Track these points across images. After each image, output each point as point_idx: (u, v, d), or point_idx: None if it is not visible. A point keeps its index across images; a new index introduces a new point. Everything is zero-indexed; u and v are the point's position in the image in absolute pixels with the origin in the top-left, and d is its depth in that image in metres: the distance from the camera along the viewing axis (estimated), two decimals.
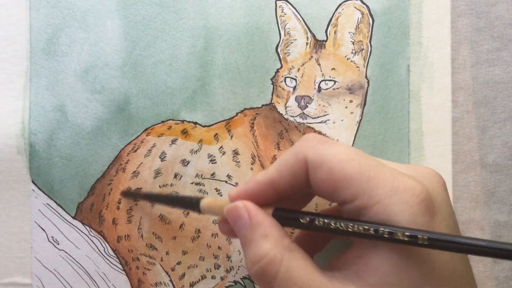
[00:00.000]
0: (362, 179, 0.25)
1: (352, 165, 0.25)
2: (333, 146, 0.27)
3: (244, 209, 0.28)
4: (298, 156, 0.27)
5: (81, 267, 0.37)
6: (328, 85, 0.37)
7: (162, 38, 0.37)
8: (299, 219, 0.27)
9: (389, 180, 0.25)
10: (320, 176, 0.26)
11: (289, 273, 0.25)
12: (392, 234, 0.24)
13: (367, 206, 0.25)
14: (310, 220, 0.26)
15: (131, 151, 0.37)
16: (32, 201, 0.37)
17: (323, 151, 0.26)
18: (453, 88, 0.37)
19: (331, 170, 0.26)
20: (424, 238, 0.23)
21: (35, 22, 0.37)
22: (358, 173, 0.25)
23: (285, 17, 0.37)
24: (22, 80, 0.37)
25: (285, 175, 0.28)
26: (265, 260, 0.26)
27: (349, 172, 0.25)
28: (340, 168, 0.26)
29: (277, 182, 0.28)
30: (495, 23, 0.37)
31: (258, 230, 0.27)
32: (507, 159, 0.37)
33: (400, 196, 0.24)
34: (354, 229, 0.25)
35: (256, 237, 0.26)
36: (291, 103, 0.37)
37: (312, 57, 0.37)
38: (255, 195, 0.28)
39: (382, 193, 0.25)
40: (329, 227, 0.26)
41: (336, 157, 0.26)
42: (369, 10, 0.37)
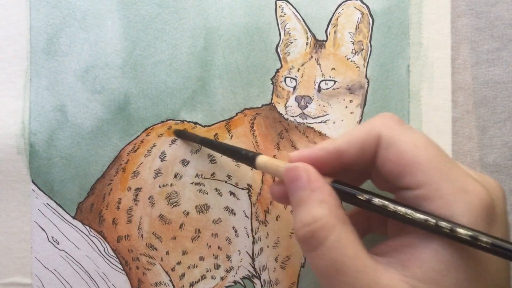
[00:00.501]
0: (433, 169, 0.25)
1: (426, 153, 0.25)
2: (409, 130, 0.26)
3: (305, 171, 0.27)
4: (372, 131, 0.27)
5: (81, 267, 0.37)
6: (328, 85, 0.37)
7: (162, 38, 0.37)
8: (356, 196, 0.26)
9: (458, 178, 0.25)
10: (390, 156, 0.26)
11: (338, 243, 0.25)
12: (454, 230, 0.23)
13: (430, 198, 0.24)
14: (368, 198, 0.26)
15: (131, 151, 0.37)
16: (32, 201, 0.37)
17: (398, 132, 0.26)
18: (453, 88, 0.37)
19: (403, 152, 0.25)
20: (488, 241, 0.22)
21: (35, 22, 0.37)
22: (430, 162, 0.25)
23: (285, 17, 0.37)
24: (22, 80, 0.37)
25: (354, 147, 0.27)
26: (318, 224, 0.25)
27: (421, 159, 0.25)
28: (413, 153, 0.25)
29: (344, 152, 0.27)
30: (495, 23, 0.37)
31: (316, 194, 0.26)
32: (507, 159, 0.37)
33: (466, 196, 0.24)
34: (413, 216, 0.24)
35: (312, 200, 0.26)
36: (291, 103, 0.37)
37: (312, 57, 0.37)
38: (317, 161, 0.27)
39: (449, 189, 0.24)
40: (387, 209, 0.25)
41: (410, 141, 0.26)
42: (369, 10, 0.37)
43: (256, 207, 0.37)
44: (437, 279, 0.24)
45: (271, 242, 0.37)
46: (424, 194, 0.25)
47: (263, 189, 0.37)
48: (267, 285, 0.37)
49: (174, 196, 0.37)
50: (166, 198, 0.37)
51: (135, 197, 0.37)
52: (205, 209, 0.37)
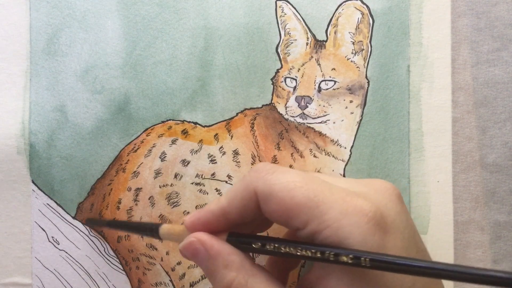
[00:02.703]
0: (311, 205, 0.26)
1: (301, 193, 0.26)
2: (282, 175, 0.27)
3: (199, 243, 0.28)
4: (248, 187, 0.28)
5: (81, 267, 0.37)
6: (328, 85, 0.37)
7: (162, 38, 0.37)
8: (251, 244, 0.27)
9: (338, 203, 0.26)
10: (270, 206, 0.27)
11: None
12: (338, 256, 0.24)
13: (318, 231, 0.25)
14: (262, 244, 0.27)
15: (131, 151, 0.37)
16: (32, 201, 0.37)
17: (272, 181, 0.27)
18: (453, 88, 0.37)
19: (281, 200, 0.26)
20: (367, 259, 0.23)
21: (35, 22, 0.37)
22: (307, 200, 0.26)
23: (285, 17, 0.37)
24: (22, 80, 0.37)
25: (236, 206, 0.28)
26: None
27: (298, 200, 0.26)
28: (289, 198, 0.26)
29: (228, 212, 0.28)
30: (495, 23, 0.37)
31: (218, 261, 0.27)
32: (507, 159, 0.37)
33: (349, 218, 0.25)
34: (302, 252, 0.26)
35: (218, 268, 0.27)
36: (291, 103, 0.37)
37: (312, 57, 0.37)
38: (209, 224, 0.29)
39: (331, 217, 0.25)
40: (280, 251, 0.26)
41: (284, 187, 0.26)
42: (369, 10, 0.37)
43: None
44: None
45: None
46: (313, 229, 0.26)
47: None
48: None
49: (174, 196, 0.37)
50: (166, 198, 0.37)
51: (135, 197, 0.37)
52: None
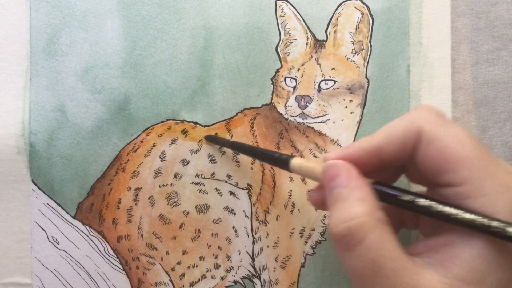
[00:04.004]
0: (476, 166, 0.24)
1: (468, 150, 0.24)
2: (451, 124, 0.25)
3: (345, 169, 0.26)
4: (412, 125, 0.25)
5: (81, 267, 0.37)
6: (328, 85, 0.37)
7: (162, 38, 0.37)
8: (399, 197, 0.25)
9: (502, 175, 0.24)
10: (432, 151, 0.25)
11: (377, 243, 0.24)
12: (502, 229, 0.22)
13: (473, 196, 0.24)
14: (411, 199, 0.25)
15: (131, 151, 0.37)
16: (32, 201, 0.37)
17: (441, 127, 0.25)
18: (453, 88, 0.37)
19: (446, 148, 0.24)
20: None
21: (35, 22, 0.37)
22: (473, 159, 0.24)
23: (285, 17, 0.37)
24: (22, 80, 0.37)
25: (393, 144, 0.26)
26: (356, 222, 0.24)
27: (464, 155, 0.24)
28: (457, 149, 0.24)
29: (383, 150, 0.26)
30: (495, 23, 0.37)
31: (356, 192, 0.25)
32: (507, 159, 0.37)
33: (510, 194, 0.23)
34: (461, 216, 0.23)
35: (352, 198, 0.25)
36: (291, 103, 0.37)
37: (312, 57, 0.37)
38: (355, 161, 0.27)
39: (492, 187, 0.23)
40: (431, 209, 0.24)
41: (453, 137, 0.25)
42: (369, 10, 0.37)
43: (256, 207, 0.37)
44: (480, 279, 0.23)
45: (271, 242, 0.37)
46: (466, 192, 0.24)
47: (263, 189, 0.37)
48: (267, 285, 0.37)
49: (174, 196, 0.37)
50: (166, 198, 0.37)
51: (135, 197, 0.37)
52: (205, 209, 0.37)
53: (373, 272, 0.23)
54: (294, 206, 0.37)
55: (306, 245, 0.37)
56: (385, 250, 0.24)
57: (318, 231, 0.37)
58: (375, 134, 0.27)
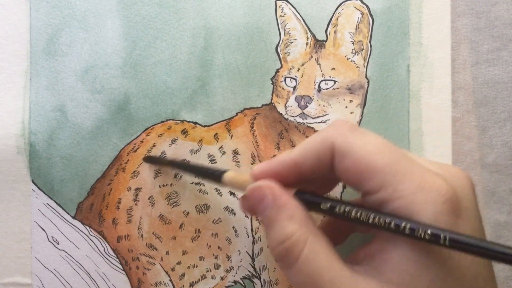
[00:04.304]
0: (389, 172, 0.24)
1: (380, 157, 0.25)
2: (362, 135, 0.26)
3: (268, 190, 0.27)
4: (325, 141, 0.27)
5: (81, 267, 0.37)
6: (328, 85, 0.37)
7: (162, 38, 0.37)
8: (320, 204, 0.26)
9: (416, 176, 0.24)
10: (346, 164, 0.26)
11: (312, 256, 0.25)
12: (414, 230, 0.23)
13: (390, 199, 0.24)
14: (331, 206, 0.26)
15: (131, 151, 0.37)
16: (32, 201, 0.37)
17: (352, 140, 0.26)
18: (453, 88, 0.37)
19: (358, 159, 0.25)
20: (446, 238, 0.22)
21: (35, 22, 0.37)
22: (385, 166, 0.25)
23: (285, 17, 0.37)
24: (22, 80, 0.37)
25: (309, 158, 0.27)
26: (290, 241, 0.25)
27: (375, 163, 0.25)
28: (367, 159, 0.25)
29: (300, 164, 0.27)
30: (495, 23, 0.37)
31: (283, 211, 0.26)
32: (507, 159, 0.37)
33: (425, 193, 0.24)
34: (374, 220, 0.24)
35: (281, 218, 0.26)
36: (291, 103, 0.37)
37: (312, 57, 0.37)
38: (277, 175, 0.28)
39: (407, 188, 0.24)
40: (349, 216, 0.25)
41: (364, 147, 0.25)
42: (369, 10, 0.37)
43: None
44: (412, 281, 0.23)
45: None
46: (384, 197, 0.25)
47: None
48: (267, 285, 0.37)
49: (174, 196, 0.37)
50: (166, 198, 0.37)
51: (135, 197, 0.37)
52: (205, 209, 0.37)
53: (313, 285, 0.24)
54: None
55: None
56: (320, 262, 0.25)
57: None
58: (295, 149, 0.28)
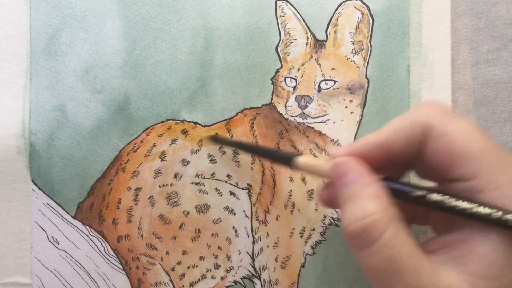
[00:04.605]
0: (486, 159, 0.23)
1: (478, 143, 0.24)
2: (458, 118, 0.25)
3: (355, 165, 0.25)
4: (419, 120, 0.25)
5: (81, 267, 0.37)
6: (328, 85, 0.37)
7: (162, 38, 0.37)
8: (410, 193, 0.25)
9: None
10: (441, 146, 0.25)
11: (394, 240, 0.23)
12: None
13: (485, 189, 0.23)
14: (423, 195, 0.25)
15: (131, 151, 0.37)
16: (32, 201, 0.37)
17: (449, 121, 0.25)
18: (453, 88, 0.37)
19: (455, 142, 0.24)
20: None
21: (35, 22, 0.37)
22: (483, 153, 0.24)
23: (285, 17, 0.37)
24: (22, 80, 0.37)
25: (400, 139, 0.26)
26: (371, 219, 0.23)
27: (474, 149, 0.24)
28: (465, 143, 0.24)
29: (390, 145, 0.26)
30: (495, 23, 0.37)
31: (368, 189, 0.24)
32: None
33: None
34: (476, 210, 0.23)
35: (365, 195, 0.24)
36: (291, 103, 0.37)
37: (312, 57, 0.37)
38: (363, 157, 0.26)
39: (505, 179, 0.23)
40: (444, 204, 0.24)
41: (462, 131, 0.24)
42: (369, 10, 0.37)
43: (256, 207, 0.37)
44: (500, 274, 0.22)
45: (271, 242, 0.37)
46: (478, 185, 0.23)
47: (263, 189, 0.37)
48: (267, 285, 0.37)
49: (174, 196, 0.37)
50: (166, 198, 0.37)
51: (135, 197, 0.37)
52: (205, 209, 0.37)
53: (390, 270, 0.23)
54: (294, 206, 0.37)
55: (306, 245, 0.37)
56: (401, 247, 0.23)
57: (318, 231, 0.37)
58: (382, 130, 0.26)
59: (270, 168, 0.37)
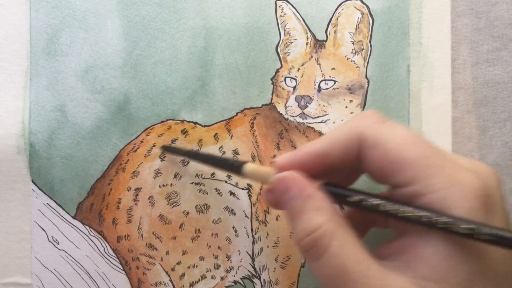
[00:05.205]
0: (421, 165, 0.24)
1: (411, 150, 0.24)
2: (392, 126, 0.26)
3: (294, 180, 0.26)
4: (354, 131, 0.26)
5: (81, 267, 0.37)
6: (328, 85, 0.37)
7: (162, 38, 0.37)
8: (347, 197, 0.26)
9: (448, 170, 0.24)
10: (375, 156, 0.25)
11: (341, 249, 0.24)
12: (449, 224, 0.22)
13: (422, 194, 0.24)
14: (361, 199, 0.25)
15: (131, 151, 0.37)
16: (32, 201, 0.37)
17: (382, 131, 0.25)
18: (453, 88, 0.37)
19: (388, 151, 0.25)
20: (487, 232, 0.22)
21: (35, 22, 0.37)
22: (418, 158, 0.24)
23: (285, 17, 0.37)
24: (22, 80, 0.37)
25: (337, 149, 0.26)
26: (318, 233, 0.24)
27: (408, 155, 0.24)
28: (399, 151, 0.24)
29: (327, 154, 0.27)
30: (495, 23, 0.37)
31: (310, 203, 0.25)
32: (507, 159, 0.37)
33: (459, 188, 0.23)
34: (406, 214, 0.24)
35: (308, 209, 0.25)
36: (291, 103, 0.37)
37: (312, 57, 0.37)
38: (302, 166, 0.27)
39: (440, 183, 0.24)
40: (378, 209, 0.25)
41: (395, 139, 0.25)
42: (369, 10, 0.37)
43: (256, 207, 0.37)
44: (446, 276, 0.23)
45: (271, 242, 0.37)
46: (416, 190, 0.24)
47: (263, 189, 0.37)
48: (267, 285, 0.37)
49: (174, 196, 0.37)
50: (166, 198, 0.37)
51: (135, 197, 0.37)
52: (205, 209, 0.37)
53: (341, 279, 0.24)
54: None
55: None
56: (349, 255, 0.24)
57: None
58: (320, 139, 0.27)
59: None
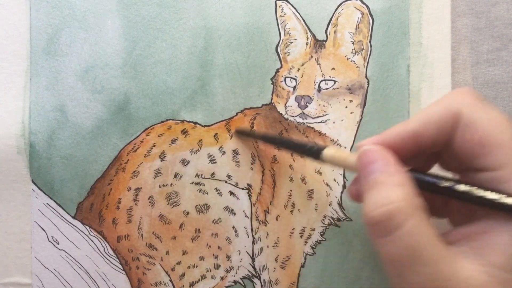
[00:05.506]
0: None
1: (508, 133, 0.24)
2: (490, 108, 0.25)
3: (381, 155, 0.25)
4: (449, 108, 0.25)
5: (81, 267, 0.37)
6: (328, 85, 0.37)
7: (162, 38, 0.37)
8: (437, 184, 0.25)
9: None
10: (467, 135, 0.24)
11: (416, 229, 0.23)
12: None
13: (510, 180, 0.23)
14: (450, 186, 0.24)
15: (131, 151, 0.37)
16: (32, 201, 0.37)
17: (478, 111, 0.24)
18: (453, 88, 0.37)
19: (483, 131, 0.24)
20: None
21: (35, 22, 0.37)
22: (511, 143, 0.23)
23: (285, 17, 0.37)
24: (22, 80, 0.37)
25: (431, 128, 0.25)
26: (394, 206, 0.23)
27: (502, 139, 0.23)
28: (494, 132, 0.24)
29: (420, 135, 0.25)
30: (495, 23, 0.37)
31: (394, 177, 0.24)
32: None
33: None
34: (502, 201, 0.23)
35: (390, 182, 0.24)
36: (291, 103, 0.37)
37: (312, 57, 0.37)
38: (391, 148, 0.26)
39: None
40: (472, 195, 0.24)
41: (490, 120, 0.24)
42: (369, 10, 0.37)
43: (256, 207, 0.37)
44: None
45: (271, 242, 0.37)
46: (503, 176, 0.23)
47: (263, 189, 0.37)
48: (267, 285, 0.37)
49: (174, 196, 0.37)
50: (166, 198, 0.37)
51: (135, 197, 0.37)
52: (205, 209, 0.37)
53: (411, 259, 0.23)
54: (294, 206, 0.37)
55: (306, 245, 0.37)
56: (423, 237, 0.23)
57: (318, 231, 0.37)
58: (411, 120, 0.26)
59: (270, 168, 0.37)
